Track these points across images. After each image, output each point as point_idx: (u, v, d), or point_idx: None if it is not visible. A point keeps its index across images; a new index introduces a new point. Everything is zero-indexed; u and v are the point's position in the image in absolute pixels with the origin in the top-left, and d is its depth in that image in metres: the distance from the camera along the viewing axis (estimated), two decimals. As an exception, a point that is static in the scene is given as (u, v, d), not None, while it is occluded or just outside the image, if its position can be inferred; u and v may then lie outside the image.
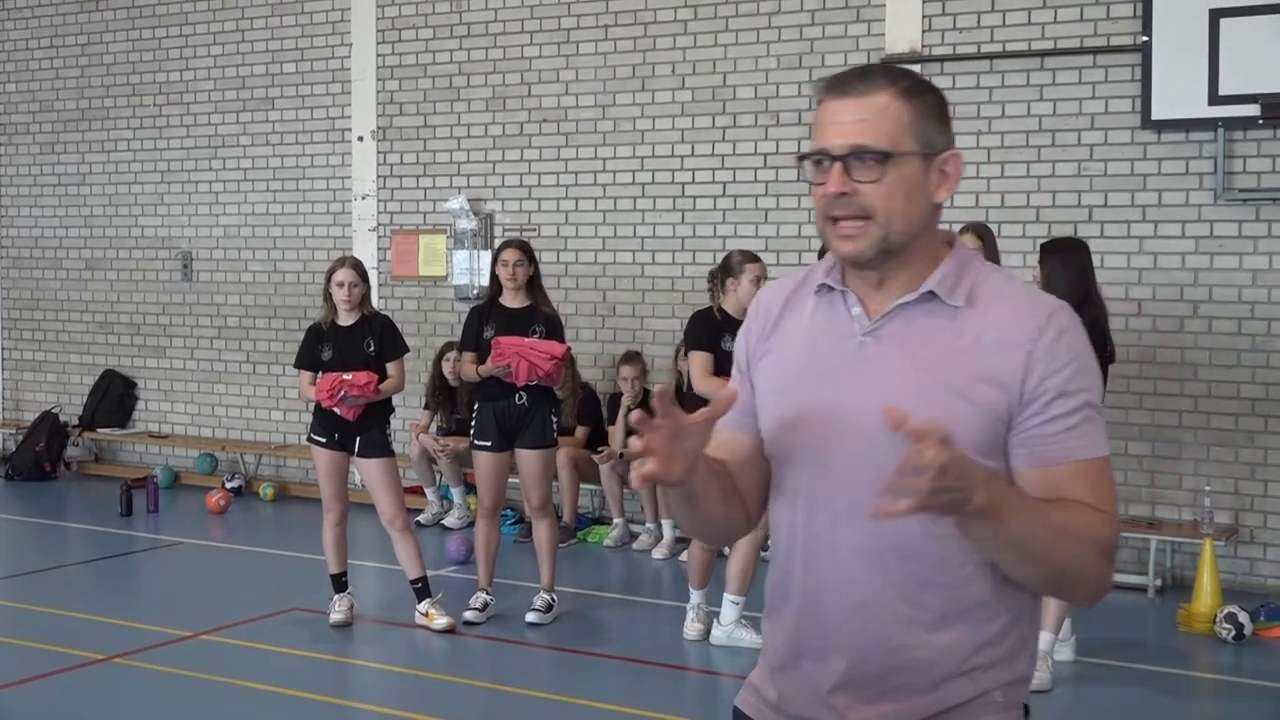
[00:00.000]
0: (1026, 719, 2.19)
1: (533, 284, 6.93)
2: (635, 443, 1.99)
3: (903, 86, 2.07)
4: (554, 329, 6.89)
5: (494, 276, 6.96)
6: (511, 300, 6.91)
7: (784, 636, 2.21)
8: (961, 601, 2.08)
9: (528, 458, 6.87)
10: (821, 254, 6.66)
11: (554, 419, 6.94)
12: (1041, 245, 6.43)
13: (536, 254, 7.07)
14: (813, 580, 2.14)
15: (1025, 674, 2.17)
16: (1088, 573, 2.02)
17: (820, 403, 2.12)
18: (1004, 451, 2.06)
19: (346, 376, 6.70)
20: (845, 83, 2.08)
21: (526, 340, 6.76)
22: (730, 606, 6.55)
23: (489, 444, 6.87)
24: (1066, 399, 2.02)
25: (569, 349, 6.90)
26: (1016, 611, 2.12)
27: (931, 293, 2.09)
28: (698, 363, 6.48)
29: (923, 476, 1.79)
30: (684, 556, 7.76)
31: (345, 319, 6.86)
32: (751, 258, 6.69)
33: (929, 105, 2.09)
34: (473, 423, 6.97)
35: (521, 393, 6.80)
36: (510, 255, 6.88)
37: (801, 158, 2.11)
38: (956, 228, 7.01)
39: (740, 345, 2.31)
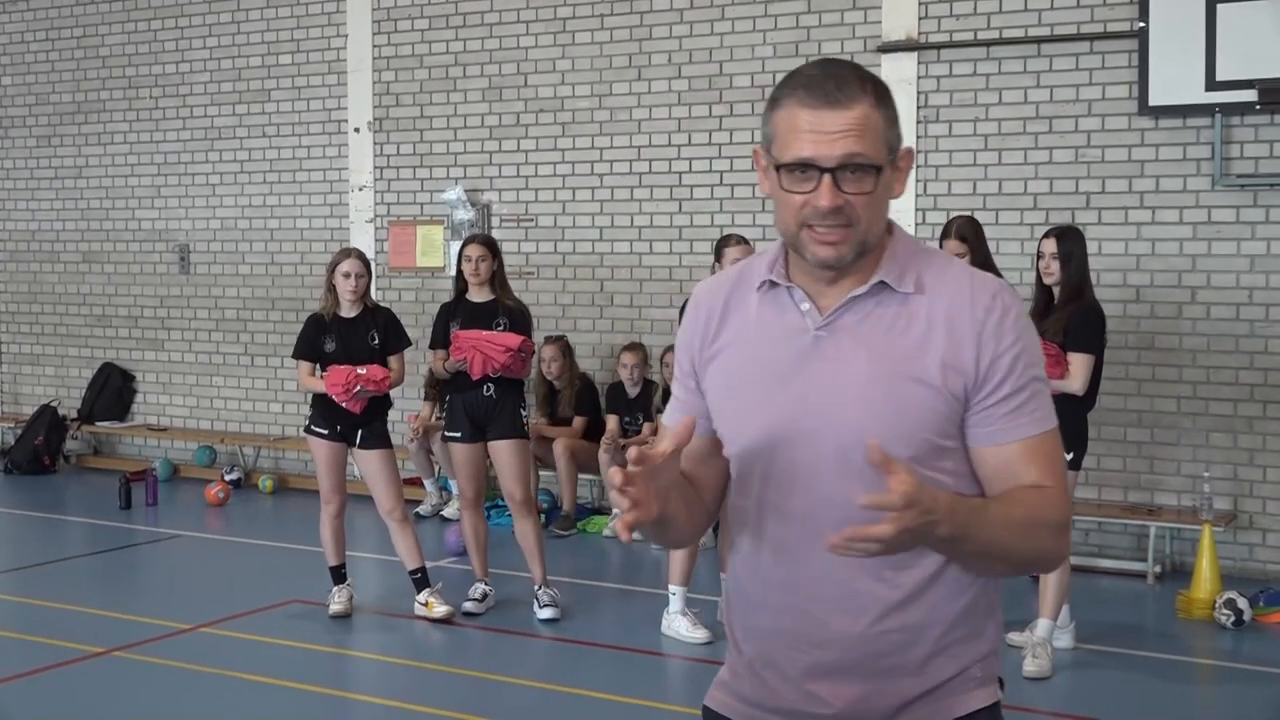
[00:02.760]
0: (1001, 691, 2.22)
1: (495, 278, 6.93)
2: (615, 496, 1.98)
3: (876, 96, 2.05)
4: (518, 321, 6.87)
5: (459, 272, 6.97)
6: (476, 295, 6.91)
7: (759, 631, 2.20)
8: (932, 578, 2.11)
9: (500, 448, 6.84)
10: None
11: (522, 410, 6.93)
12: (1061, 230, 6.30)
13: (506, 246, 7.06)
14: (784, 574, 2.15)
15: (996, 646, 2.22)
16: (1047, 553, 2.10)
17: (780, 400, 2.11)
18: (961, 432, 2.09)
19: (361, 371, 6.69)
20: (824, 90, 2.01)
21: (484, 333, 6.77)
22: (674, 598, 6.55)
23: (459, 435, 6.88)
24: (1016, 377, 2.07)
25: (526, 340, 6.85)
26: (982, 581, 2.16)
27: (882, 282, 2.10)
28: None
29: (889, 520, 1.82)
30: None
31: (348, 310, 6.85)
32: (735, 240, 6.59)
33: (893, 109, 2.09)
34: (442, 415, 6.97)
35: (489, 384, 6.81)
36: (474, 251, 6.87)
37: (780, 167, 2.04)
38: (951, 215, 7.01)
39: (683, 347, 2.25)
